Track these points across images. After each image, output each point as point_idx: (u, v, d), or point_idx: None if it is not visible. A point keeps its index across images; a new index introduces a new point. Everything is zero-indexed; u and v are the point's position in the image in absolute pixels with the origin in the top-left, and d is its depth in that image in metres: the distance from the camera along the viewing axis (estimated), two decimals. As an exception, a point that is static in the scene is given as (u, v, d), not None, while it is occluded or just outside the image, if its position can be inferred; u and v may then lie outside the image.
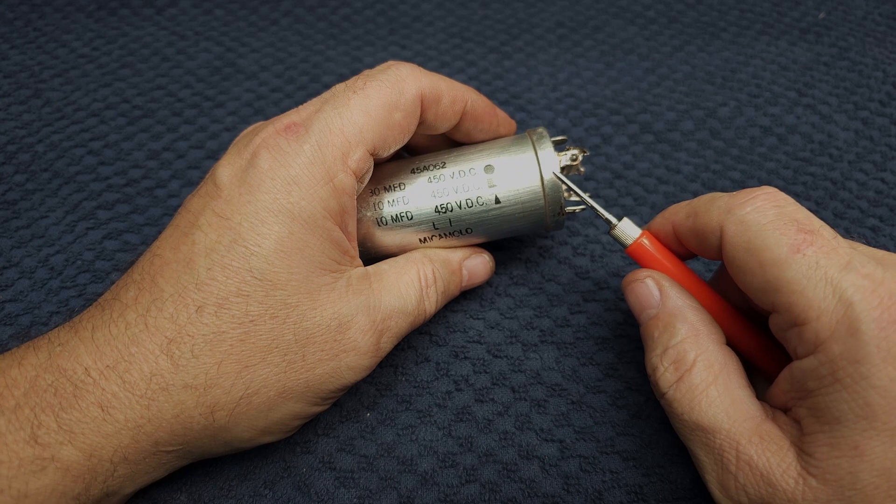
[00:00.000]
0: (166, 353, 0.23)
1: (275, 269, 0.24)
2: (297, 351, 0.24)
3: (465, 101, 0.29)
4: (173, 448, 0.24)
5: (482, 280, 0.32)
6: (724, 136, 0.42)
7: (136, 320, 0.23)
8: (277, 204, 0.24)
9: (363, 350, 0.26)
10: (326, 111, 0.25)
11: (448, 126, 0.29)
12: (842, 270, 0.21)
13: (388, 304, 0.27)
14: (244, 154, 0.25)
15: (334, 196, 0.25)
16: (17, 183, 0.39)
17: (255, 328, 0.24)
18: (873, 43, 0.49)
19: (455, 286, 0.31)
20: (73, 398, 0.22)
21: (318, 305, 0.25)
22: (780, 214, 0.23)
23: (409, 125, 0.27)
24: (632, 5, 0.53)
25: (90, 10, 0.52)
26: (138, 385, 0.23)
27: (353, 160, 0.25)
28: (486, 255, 0.32)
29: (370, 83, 0.26)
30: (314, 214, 0.24)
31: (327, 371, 0.25)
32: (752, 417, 0.23)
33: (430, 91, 0.27)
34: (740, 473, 0.22)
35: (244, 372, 0.24)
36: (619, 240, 0.28)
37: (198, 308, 0.23)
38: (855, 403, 0.20)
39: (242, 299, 0.24)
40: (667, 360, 0.25)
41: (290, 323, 0.24)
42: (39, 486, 0.21)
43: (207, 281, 0.24)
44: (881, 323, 0.20)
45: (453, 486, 0.27)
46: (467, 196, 0.29)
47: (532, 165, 0.29)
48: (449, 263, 0.30)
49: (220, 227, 0.24)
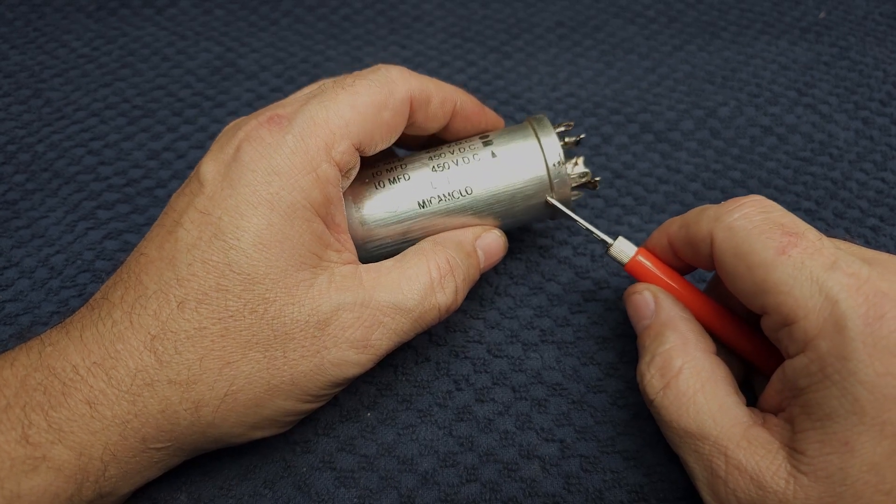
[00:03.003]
0: (150, 349, 0.23)
1: (253, 262, 0.24)
2: (277, 347, 0.24)
3: (455, 102, 0.29)
4: (162, 445, 0.24)
5: (498, 259, 0.31)
6: (725, 136, 0.42)
7: (122, 318, 0.23)
8: (257, 196, 0.24)
9: (346, 347, 0.25)
10: (312, 104, 0.25)
11: (438, 127, 0.29)
12: (827, 270, 0.21)
13: (379, 300, 0.26)
14: (227, 149, 0.25)
15: (317, 186, 0.25)
16: (17, 183, 0.39)
17: (235, 323, 0.24)
18: (873, 42, 0.49)
19: (475, 269, 0.29)
20: (62, 396, 0.22)
21: (296, 301, 0.24)
22: (766, 220, 0.23)
23: (397, 124, 0.27)
24: (632, 5, 0.53)
25: (90, 10, 0.52)
26: (124, 381, 0.23)
27: (338, 151, 0.25)
28: (497, 230, 0.31)
29: (360, 81, 0.26)
30: (294, 205, 0.24)
31: (311, 368, 0.25)
32: (739, 423, 0.23)
33: (420, 93, 0.27)
34: (730, 478, 0.22)
35: (226, 368, 0.24)
36: (617, 259, 0.29)
37: (179, 304, 0.23)
38: (844, 399, 0.20)
39: (221, 294, 0.24)
40: (654, 367, 0.25)
41: (269, 318, 0.24)
42: (32, 487, 0.21)
43: (188, 277, 0.24)
44: (867, 319, 0.20)
45: (454, 485, 0.27)
46: (463, 155, 0.29)
47: (528, 132, 0.30)
48: (462, 246, 0.29)
49: (201, 223, 0.24)
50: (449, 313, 0.28)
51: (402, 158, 0.30)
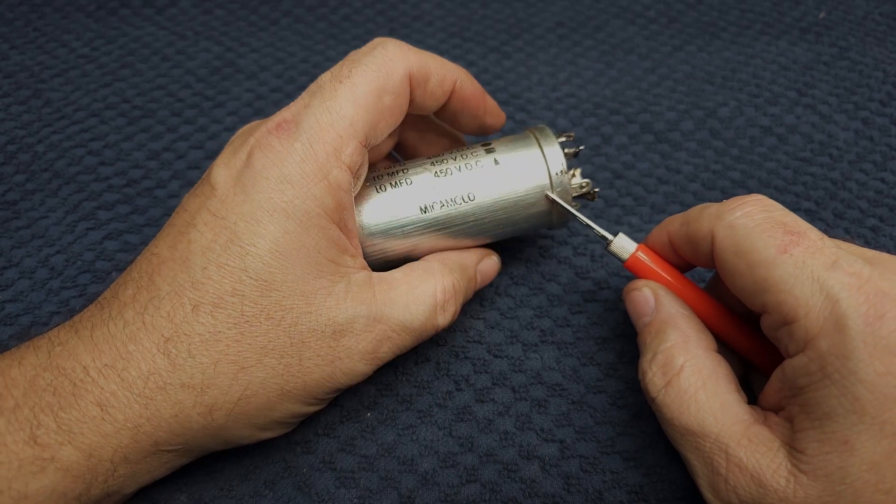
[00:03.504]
0: (163, 351, 0.23)
1: (270, 269, 0.24)
2: (293, 354, 0.24)
3: (455, 81, 0.29)
4: (173, 448, 0.24)
5: (489, 280, 0.32)
6: (724, 136, 0.42)
7: (134, 318, 0.23)
8: (272, 203, 0.24)
9: (358, 358, 0.26)
10: (315, 106, 0.25)
11: (436, 105, 0.29)
12: (828, 269, 0.21)
13: (390, 317, 0.26)
14: (240, 154, 0.25)
15: (329, 193, 0.25)
16: (17, 183, 0.39)
17: (251, 329, 0.24)
18: (873, 43, 0.49)
19: (472, 291, 0.31)
20: (72, 397, 0.22)
21: (314, 309, 0.24)
22: (768, 218, 0.23)
23: (399, 106, 0.27)
24: (632, 5, 0.53)
25: (90, 10, 0.52)
26: (136, 383, 0.23)
27: (347, 154, 0.25)
28: (496, 256, 0.32)
29: (356, 70, 0.26)
30: (309, 213, 0.24)
31: (324, 375, 0.25)
32: (741, 421, 0.23)
33: (419, 69, 0.27)
34: (730, 475, 0.22)
35: (241, 374, 0.24)
36: (617, 255, 0.29)
37: (194, 307, 0.23)
38: (844, 398, 0.20)
39: (238, 299, 0.24)
40: (655, 364, 0.25)
41: (286, 325, 0.24)
42: (39, 487, 0.21)
43: (203, 280, 0.23)
44: (867, 318, 0.20)
45: (454, 485, 0.27)
46: (466, 161, 0.29)
47: (531, 141, 0.30)
48: (466, 270, 0.29)
49: (216, 227, 0.24)
50: (443, 330, 0.29)
51: (403, 163, 0.30)
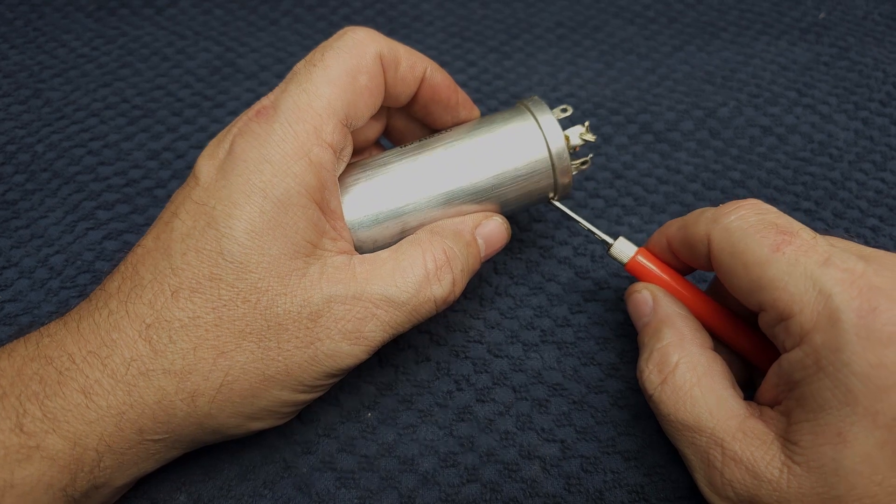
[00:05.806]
0: (145, 338, 0.23)
1: (246, 251, 0.24)
2: (271, 337, 0.24)
3: (424, 69, 0.29)
4: (159, 437, 0.24)
5: (501, 246, 0.30)
6: (724, 136, 0.42)
7: (118, 307, 0.24)
8: (250, 185, 0.24)
9: (339, 339, 0.25)
10: (291, 90, 0.25)
11: (408, 92, 0.29)
12: (821, 266, 0.22)
13: (372, 293, 0.25)
14: (223, 144, 0.26)
15: (311, 170, 0.25)
16: (16, 183, 0.39)
17: (228, 313, 0.24)
18: (873, 43, 0.49)
19: (475, 259, 0.28)
20: (58, 385, 0.22)
21: (289, 291, 0.24)
22: (761, 220, 0.24)
23: (376, 87, 0.27)
24: (631, 5, 0.53)
25: (90, 10, 0.52)
26: (119, 370, 0.23)
27: (328, 133, 0.25)
28: (499, 217, 0.30)
29: (328, 53, 0.26)
30: (288, 191, 0.24)
31: (305, 358, 0.25)
32: (736, 416, 0.23)
33: (389, 53, 0.27)
34: (726, 469, 0.23)
35: (220, 358, 0.24)
36: (617, 258, 0.29)
37: (173, 293, 0.24)
38: (838, 390, 0.21)
39: (214, 283, 0.24)
40: (652, 362, 0.26)
41: (261, 308, 0.24)
42: (25, 476, 0.22)
43: (182, 266, 0.24)
44: (860, 312, 0.21)
45: (454, 485, 0.27)
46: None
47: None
48: (461, 235, 0.28)
49: (196, 213, 0.24)
50: (447, 304, 0.27)
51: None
